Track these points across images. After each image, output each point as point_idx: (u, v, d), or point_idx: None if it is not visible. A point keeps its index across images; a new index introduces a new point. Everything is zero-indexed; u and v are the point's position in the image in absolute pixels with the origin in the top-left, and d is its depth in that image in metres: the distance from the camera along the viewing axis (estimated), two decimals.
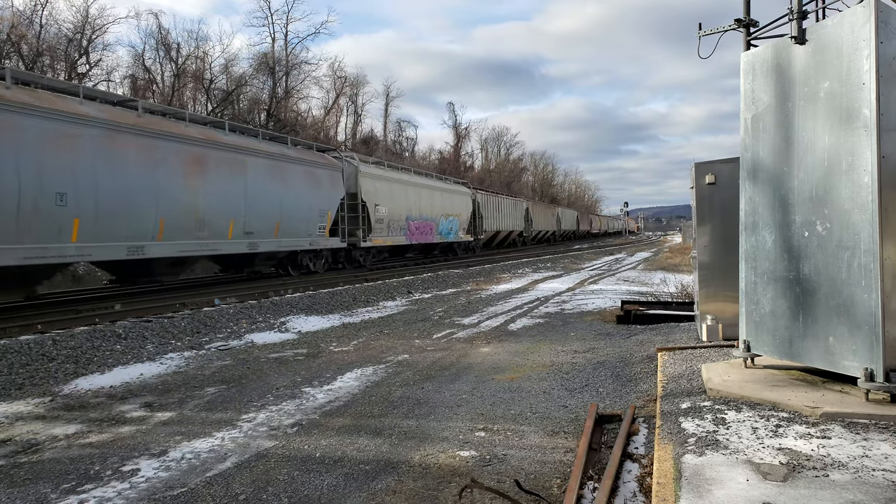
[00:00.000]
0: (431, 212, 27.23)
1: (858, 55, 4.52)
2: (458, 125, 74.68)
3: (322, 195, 18.50)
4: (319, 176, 18.52)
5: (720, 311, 7.50)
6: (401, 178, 24.96)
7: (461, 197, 32.04)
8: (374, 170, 22.80)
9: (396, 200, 23.70)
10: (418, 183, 26.67)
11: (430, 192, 27.43)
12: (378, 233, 21.97)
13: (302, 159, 17.87)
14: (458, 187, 32.55)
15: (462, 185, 33.77)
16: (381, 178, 22.77)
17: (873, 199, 4.42)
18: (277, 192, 16.42)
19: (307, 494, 3.89)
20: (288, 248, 17.20)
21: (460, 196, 31.84)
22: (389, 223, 22.97)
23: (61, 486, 4.10)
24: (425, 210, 26.58)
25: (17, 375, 7.10)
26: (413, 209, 25.23)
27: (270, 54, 44.41)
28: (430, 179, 28.95)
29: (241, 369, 7.61)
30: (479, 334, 9.82)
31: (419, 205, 25.91)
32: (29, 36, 28.99)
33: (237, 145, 15.13)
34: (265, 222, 15.91)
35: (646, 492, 3.74)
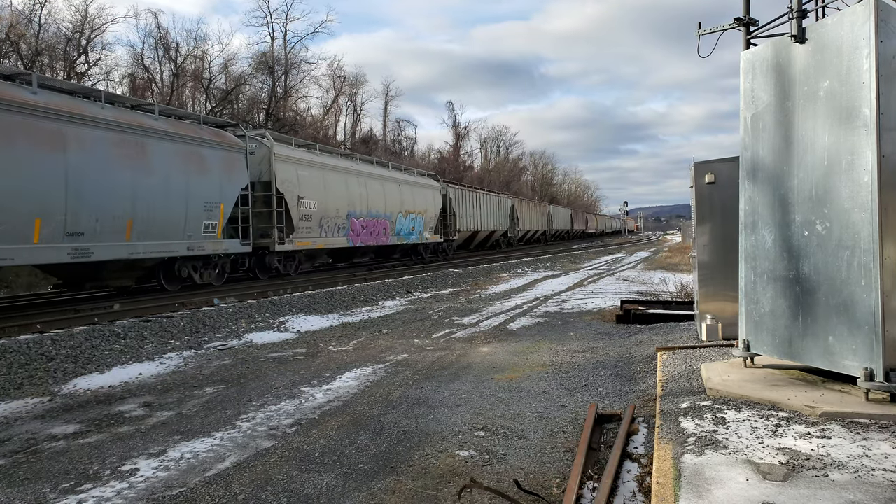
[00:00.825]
0: (385, 208, 22.66)
1: (858, 54, 4.51)
2: (458, 125, 74.68)
3: (211, 183, 13.92)
4: (207, 158, 13.90)
5: (720, 311, 7.49)
6: (338, 166, 20.14)
7: (427, 191, 27.29)
8: (297, 153, 18.05)
9: (332, 193, 19.15)
10: (365, 172, 21.85)
11: (382, 183, 22.81)
12: (304, 233, 17.65)
13: (175, 134, 13.11)
14: (422, 179, 27.82)
15: (429, 178, 29.24)
16: (307, 164, 18.23)
17: (873, 199, 4.41)
18: (128, 177, 11.88)
19: (306, 494, 3.88)
20: (150, 254, 12.60)
21: (425, 190, 27.12)
22: (322, 221, 18.52)
23: (60, 486, 4.09)
24: (376, 205, 22.02)
25: (16, 375, 7.09)
26: (358, 204, 20.61)
27: (269, 53, 44.38)
28: (382, 168, 24.08)
29: (241, 369, 7.61)
30: (479, 334, 9.82)
31: (367, 199, 21.28)
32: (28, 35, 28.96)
33: (52, 109, 10.54)
34: (107, 220, 11.47)
35: (645, 491, 3.73)
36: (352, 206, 20.35)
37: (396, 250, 26.16)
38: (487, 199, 37.36)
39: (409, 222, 24.97)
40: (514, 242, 44.36)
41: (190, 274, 14.34)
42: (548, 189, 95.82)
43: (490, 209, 37.41)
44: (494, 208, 38.43)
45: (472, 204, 34.08)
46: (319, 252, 20.10)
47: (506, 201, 41.88)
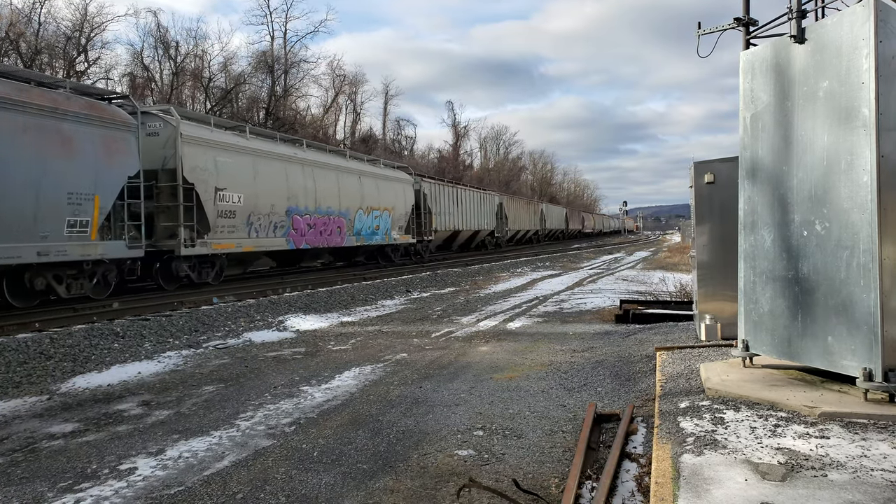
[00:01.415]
0: (340, 203, 19.68)
1: (858, 54, 4.51)
2: (458, 124, 74.78)
3: (79, 169, 10.98)
4: (74, 136, 10.92)
5: (719, 311, 7.49)
6: (276, 152, 17.01)
7: (396, 185, 24.15)
8: (215, 136, 14.88)
9: (266, 184, 16.26)
10: (313, 161, 18.66)
11: (337, 175, 19.74)
12: (225, 233, 14.78)
13: (17, 103, 10.02)
14: (390, 172, 24.56)
15: (399, 171, 26.00)
16: (230, 149, 15.13)
17: (872, 199, 4.41)
18: None
19: (305, 493, 3.88)
20: None
21: (394, 184, 24.01)
22: (252, 219, 15.73)
23: (58, 485, 4.09)
24: (328, 200, 19.01)
25: (14, 373, 7.09)
26: (302, 198, 17.71)
27: (269, 52, 44.38)
28: (338, 158, 20.98)
29: (239, 368, 7.60)
30: (478, 333, 9.81)
31: (315, 192, 18.29)
32: (27, 34, 28.94)
33: None
34: None
35: (644, 491, 3.73)
36: (294, 200, 17.40)
37: (358, 252, 22.93)
38: (470, 196, 34.43)
39: (371, 220, 21.90)
40: (503, 243, 41.49)
41: (50, 285, 11.00)
42: (547, 189, 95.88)
43: (474, 207, 34.66)
44: (479, 206, 35.64)
45: (451, 201, 31.15)
46: (250, 255, 16.73)
47: (492, 199, 38.96)
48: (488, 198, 38.08)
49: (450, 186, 32.02)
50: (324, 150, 20.97)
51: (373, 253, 24.05)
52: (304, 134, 37.49)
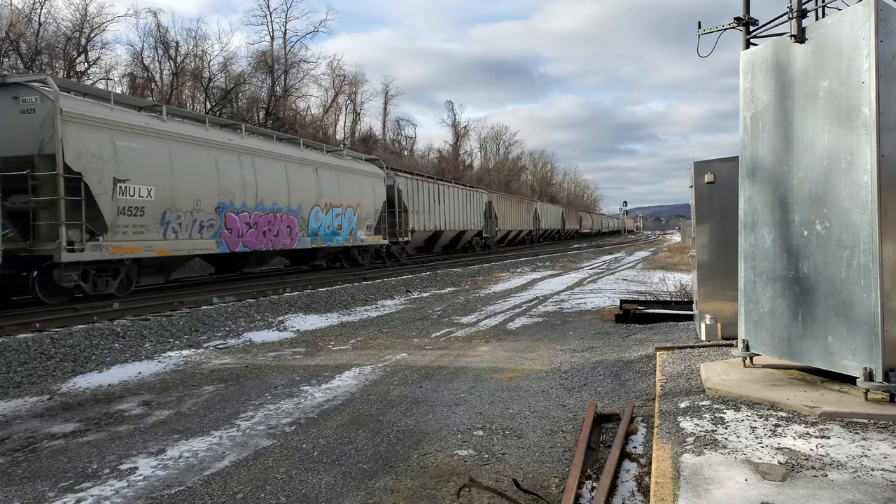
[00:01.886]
0: (290, 199, 17.13)
1: (858, 54, 4.51)
2: (457, 124, 74.77)
3: None
4: None
5: (719, 311, 7.49)
6: (201, 138, 14.27)
7: (363, 180, 21.50)
8: (115, 115, 12.21)
9: (188, 176, 13.66)
10: (254, 149, 15.92)
11: (286, 166, 17.13)
12: (130, 233, 12.28)
13: None
14: (355, 164, 21.69)
15: (368, 163, 22.96)
16: (136, 131, 12.48)
17: (873, 199, 4.41)
18: None
19: (305, 493, 3.88)
20: None
21: (360, 178, 21.33)
22: (167, 216, 13.14)
23: (59, 485, 4.09)
24: (274, 196, 16.51)
25: (15, 374, 7.09)
26: (239, 193, 15.19)
27: (269, 53, 44.37)
28: (289, 147, 18.23)
29: (240, 368, 7.60)
30: (478, 333, 9.81)
31: (256, 186, 15.75)
32: (27, 34, 28.94)
33: None
34: None
35: (644, 491, 3.73)
36: (228, 195, 14.82)
37: (317, 255, 20.41)
38: (454, 194, 31.63)
39: (331, 219, 19.27)
40: (493, 244, 38.89)
41: None
42: (547, 189, 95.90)
43: (458, 205, 32.03)
44: (465, 204, 32.93)
45: (432, 198, 28.32)
46: (171, 260, 14.12)
47: (480, 196, 36.21)
48: (475, 195, 35.32)
49: (429, 182, 28.91)
50: (270, 137, 18.12)
51: (337, 255, 21.53)
52: (305, 134, 37.43)
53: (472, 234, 35.33)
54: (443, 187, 30.37)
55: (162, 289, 14.74)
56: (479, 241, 37.03)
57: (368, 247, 22.40)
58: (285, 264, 21.23)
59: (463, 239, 34.59)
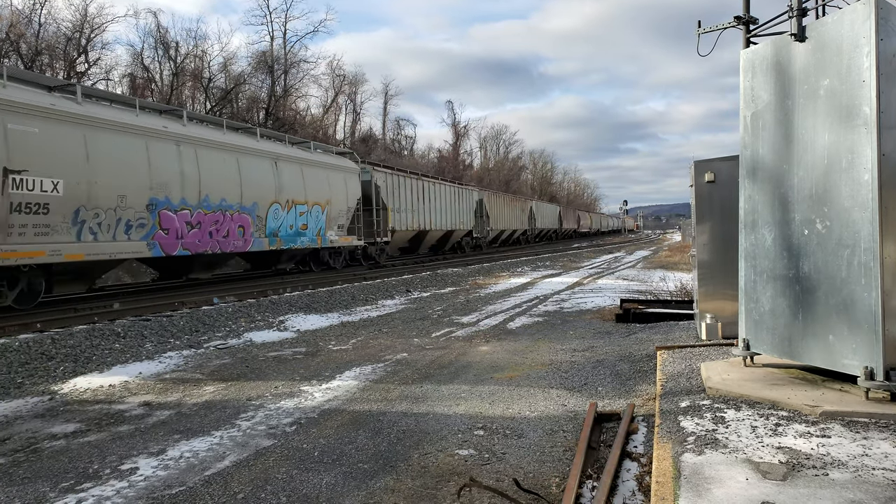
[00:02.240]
0: (243, 195, 15.26)
1: (858, 52, 4.51)
2: (457, 123, 74.79)
3: None
4: None
5: (719, 310, 7.49)
6: (126, 123, 12.35)
7: (333, 175, 19.52)
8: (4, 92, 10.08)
9: (108, 167, 11.74)
10: (193, 138, 13.93)
11: (237, 158, 15.24)
12: (30, 235, 10.37)
13: None
14: (324, 157, 19.68)
15: (339, 157, 21.13)
16: (33, 113, 10.42)
17: (873, 198, 4.41)
18: None
19: (305, 493, 3.88)
20: None
21: (330, 173, 19.38)
22: (81, 214, 11.22)
23: (60, 485, 4.09)
24: (221, 191, 14.57)
25: (16, 374, 7.09)
26: (177, 188, 13.25)
27: (269, 53, 44.38)
28: (239, 136, 16.13)
29: (240, 368, 7.60)
30: (478, 333, 9.81)
31: (199, 180, 13.81)
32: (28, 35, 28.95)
33: None
34: None
35: (645, 491, 3.73)
36: (161, 190, 12.87)
37: (281, 258, 18.55)
38: (441, 191, 29.64)
39: (295, 218, 17.41)
40: (484, 244, 36.99)
41: None
42: (547, 188, 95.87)
43: (445, 203, 30.04)
44: (453, 202, 31.01)
45: (415, 195, 26.40)
46: (92, 266, 12.11)
47: (470, 194, 34.34)
48: (465, 193, 33.29)
49: (412, 178, 26.79)
50: (219, 126, 15.93)
51: (305, 258, 19.70)
52: (304, 134, 37.37)
53: (462, 233, 33.49)
54: (427, 184, 28.25)
55: (162, 289, 14.75)
56: (468, 241, 35.19)
57: (341, 248, 20.49)
58: (245, 268, 19.47)
59: (452, 239, 32.75)
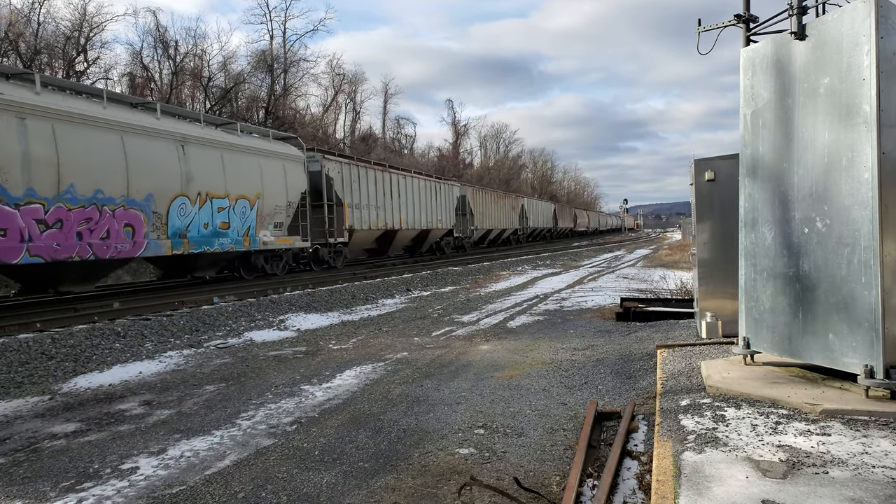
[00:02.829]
0: (132, 185, 12.13)
1: (859, 51, 4.51)
2: (457, 122, 74.80)
3: None
4: None
5: (720, 308, 7.49)
6: None
7: (268, 162, 16.29)
8: None
9: None
10: (49, 110, 10.67)
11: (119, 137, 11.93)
12: None
13: None
14: (257, 142, 16.35)
15: (281, 143, 17.70)
16: None
17: (873, 196, 4.41)
18: None
19: (306, 492, 3.88)
20: None
21: (262, 160, 16.11)
22: None
23: (60, 485, 4.09)
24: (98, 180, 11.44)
25: (16, 374, 7.09)
26: (21, 174, 10.15)
27: (269, 51, 44.36)
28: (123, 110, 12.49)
29: (240, 367, 7.61)
30: (479, 332, 9.81)
31: (59, 164, 10.69)
32: (27, 34, 28.92)
33: None
34: None
35: (645, 489, 3.73)
36: None
37: (197, 263, 15.15)
38: (412, 185, 25.93)
39: (211, 215, 14.27)
40: (468, 245, 33.61)
41: None
42: (547, 187, 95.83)
43: (420, 199, 26.48)
44: (429, 198, 27.19)
45: (379, 189, 22.80)
46: None
47: (450, 189, 30.25)
48: (443, 188, 29.29)
49: (376, 170, 23.12)
50: (97, 97, 12.35)
51: (232, 262, 16.42)
52: (304, 133, 37.31)
53: (441, 233, 29.76)
54: (395, 177, 24.53)
55: (162, 288, 14.75)
56: (449, 241, 31.52)
57: (282, 251, 17.36)
58: (159, 276, 16.50)
59: (429, 239, 29.13)
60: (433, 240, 29.72)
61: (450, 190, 30.85)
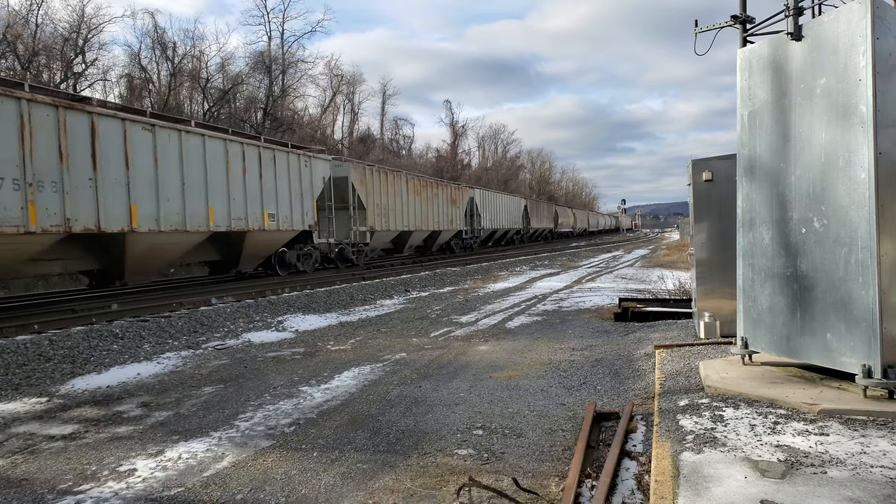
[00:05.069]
0: None
1: (855, 51, 4.52)
2: (455, 123, 74.83)
3: None
4: None
5: (718, 308, 7.50)
6: None
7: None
8: None
9: None
10: None
11: None
12: None
13: None
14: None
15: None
16: None
17: (870, 196, 4.42)
18: None
19: (304, 494, 3.87)
20: None
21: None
22: None
23: (58, 487, 4.08)
24: None
25: (13, 375, 7.08)
26: None
27: (267, 53, 44.37)
28: None
29: (239, 368, 7.60)
30: (477, 332, 9.81)
31: None
32: (25, 35, 28.89)
33: None
34: None
35: (644, 489, 3.73)
36: None
37: None
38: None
39: None
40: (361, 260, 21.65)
41: None
42: (546, 187, 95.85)
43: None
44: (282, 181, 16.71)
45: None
46: None
47: (318, 166, 18.64)
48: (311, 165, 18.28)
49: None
50: None
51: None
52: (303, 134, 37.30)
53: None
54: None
55: (161, 289, 14.73)
56: (301, 250, 22.26)
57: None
58: None
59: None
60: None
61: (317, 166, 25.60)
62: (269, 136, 33.74)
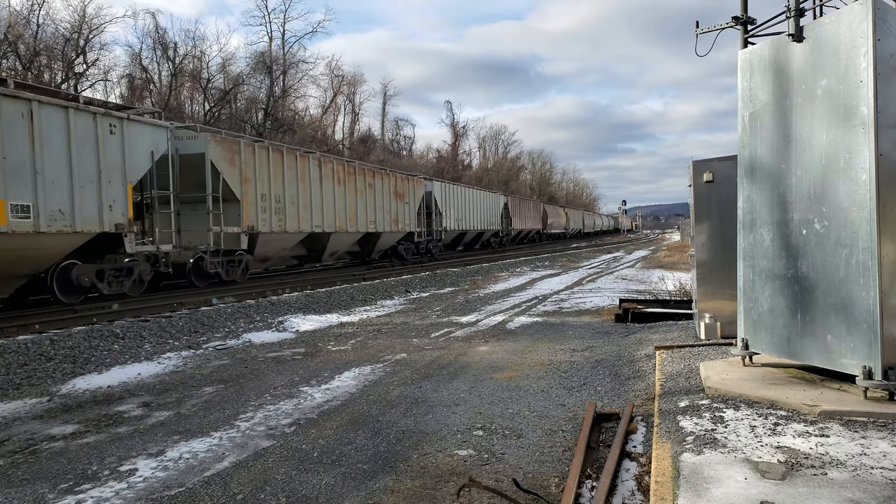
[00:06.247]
0: None
1: (856, 52, 4.52)
2: (456, 124, 74.86)
3: None
4: None
5: (718, 310, 7.49)
6: None
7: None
8: None
9: None
10: None
11: None
12: None
13: None
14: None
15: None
16: None
17: (871, 197, 4.42)
18: None
19: (305, 494, 3.88)
20: None
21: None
22: None
23: (59, 486, 4.09)
24: None
25: (14, 375, 7.08)
26: None
27: (267, 53, 44.39)
28: None
29: (239, 369, 7.60)
30: (477, 333, 9.81)
31: None
32: (26, 36, 28.92)
33: None
34: None
35: (644, 490, 3.73)
36: None
37: None
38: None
39: None
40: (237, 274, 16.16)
41: None
42: (546, 188, 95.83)
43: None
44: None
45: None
46: None
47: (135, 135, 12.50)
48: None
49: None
50: None
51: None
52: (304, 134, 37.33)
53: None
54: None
55: (161, 290, 14.73)
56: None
57: None
58: None
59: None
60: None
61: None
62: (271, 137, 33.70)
